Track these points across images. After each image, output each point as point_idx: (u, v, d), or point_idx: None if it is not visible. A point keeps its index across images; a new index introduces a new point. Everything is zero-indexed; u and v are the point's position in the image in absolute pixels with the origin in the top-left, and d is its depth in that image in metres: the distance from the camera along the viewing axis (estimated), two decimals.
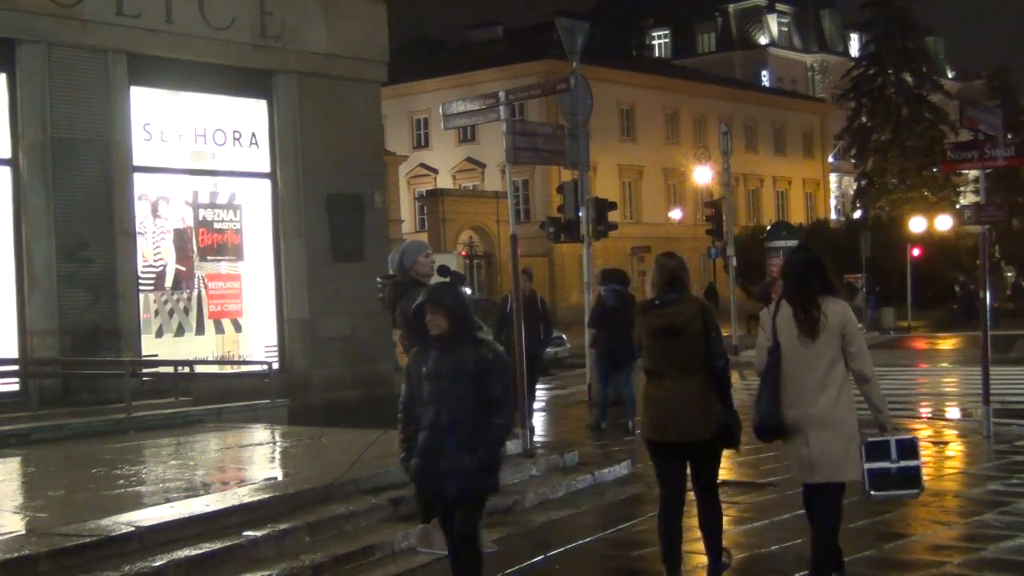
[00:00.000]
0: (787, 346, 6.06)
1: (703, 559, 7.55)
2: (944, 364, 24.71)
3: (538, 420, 14.88)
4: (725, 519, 8.49)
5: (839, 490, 6.14)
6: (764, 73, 75.11)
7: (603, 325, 13.91)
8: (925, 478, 8.67)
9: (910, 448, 6.12)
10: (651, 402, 6.56)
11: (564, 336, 26.24)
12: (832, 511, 6.17)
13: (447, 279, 7.60)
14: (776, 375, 6.06)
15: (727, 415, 6.47)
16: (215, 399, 13.13)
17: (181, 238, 14.25)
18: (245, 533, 7.29)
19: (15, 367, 12.63)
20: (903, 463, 6.07)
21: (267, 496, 8.06)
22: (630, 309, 9.19)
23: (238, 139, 14.62)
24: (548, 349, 25.06)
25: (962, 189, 62.47)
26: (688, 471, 6.73)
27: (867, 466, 6.03)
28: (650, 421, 6.59)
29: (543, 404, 17.54)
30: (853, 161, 65.00)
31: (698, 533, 8.32)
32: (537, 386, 15.82)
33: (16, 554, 6.40)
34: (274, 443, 11.59)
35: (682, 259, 6.73)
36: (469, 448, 5.57)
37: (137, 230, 13.53)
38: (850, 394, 6.08)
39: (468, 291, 14.74)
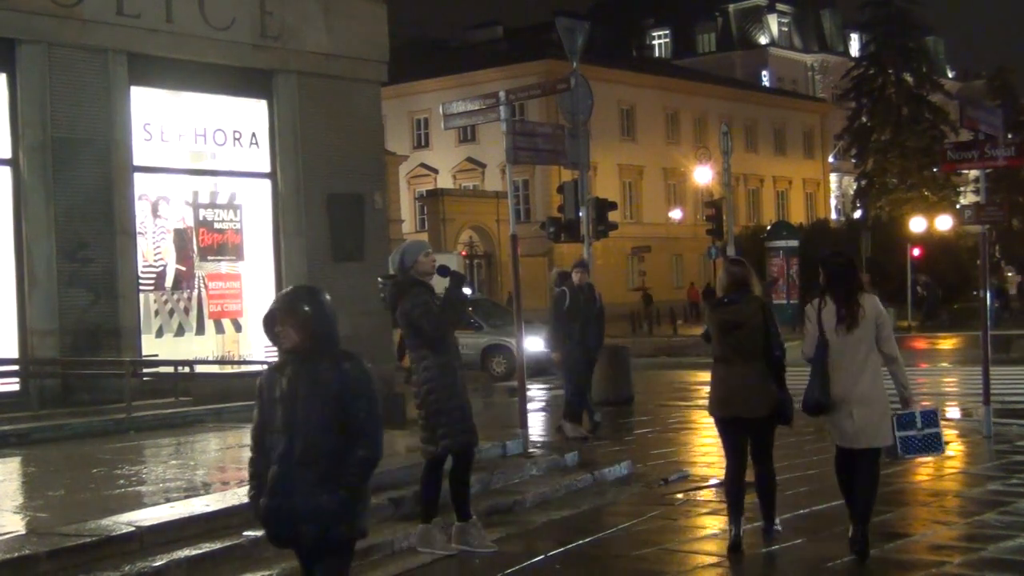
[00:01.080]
0: (832, 336, 7.20)
1: (704, 559, 7.55)
2: (944, 364, 24.69)
3: (539, 420, 14.87)
4: (726, 519, 8.48)
5: (877, 455, 7.31)
6: (764, 73, 75.11)
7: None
8: (925, 477, 8.79)
9: (932, 418, 7.50)
10: (718, 384, 7.67)
11: None
12: (873, 470, 7.32)
13: (447, 279, 7.66)
14: (824, 360, 7.21)
15: (783, 395, 7.53)
16: (215, 399, 13.12)
17: (181, 238, 14.25)
18: (245, 533, 7.29)
19: (15, 367, 12.63)
20: (927, 431, 7.43)
21: None
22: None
23: (238, 139, 14.62)
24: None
25: (962, 189, 62.48)
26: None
27: (898, 434, 7.33)
28: (717, 399, 7.66)
29: (544, 404, 17.53)
30: (853, 161, 64.99)
31: (700, 533, 8.32)
32: (545, 387, 15.68)
33: (16, 554, 6.40)
34: None
35: (748, 265, 7.89)
36: (327, 486, 4.60)
37: (137, 230, 13.53)
38: (882, 375, 7.28)
39: (468, 291, 14.73)
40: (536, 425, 13.66)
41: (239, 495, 8.08)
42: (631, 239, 47.00)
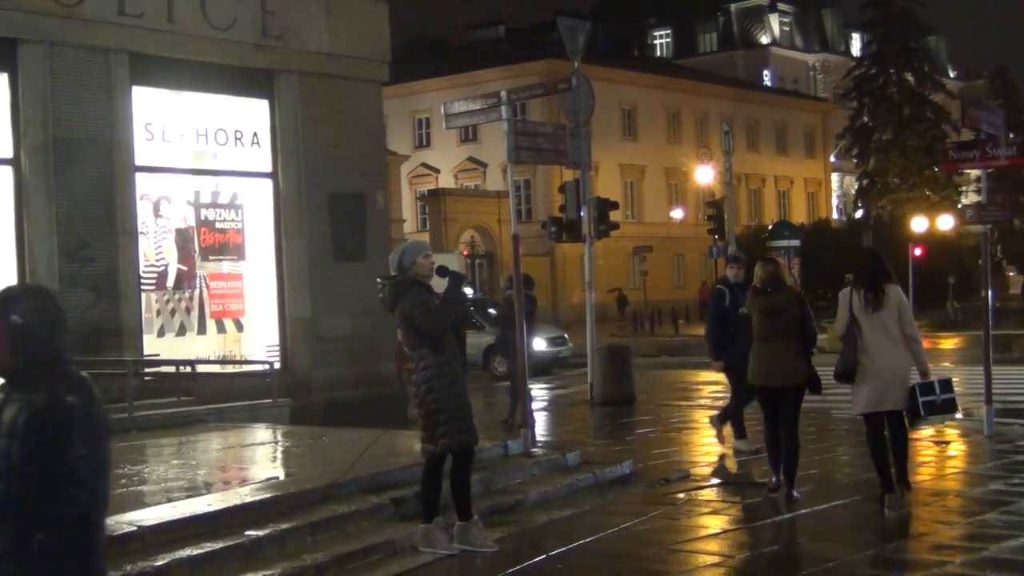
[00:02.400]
0: (862, 317, 8.54)
1: (706, 559, 7.56)
2: (946, 364, 24.66)
3: (539, 419, 14.86)
4: (727, 518, 8.50)
5: (901, 417, 8.70)
6: (766, 73, 75.09)
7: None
8: (927, 477, 8.82)
9: (948, 385, 8.89)
10: (760, 359, 9.16)
11: (566, 336, 26.23)
12: (902, 431, 8.77)
13: (446, 279, 7.66)
14: (854, 338, 8.56)
15: (812, 369, 9.05)
16: (217, 399, 13.13)
17: (183, 238, 14.25)
18: (247, 532, 7.30)
19: None
20: (944, 396, 8.79)
21: (269, 495, 8.07)
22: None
23: (240, 139, 14.62)
24: (551, 348, 25.09)
25: (964, 189, 62.54)
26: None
27: (921, 399, 8.61)
28: (759, 371, 9.18)
29: (544, 404, 17.54)
30: (855, 161, 65.01)
31: (701, 532, 8.32)
32: (540, 387, 15.65)
33: None
34: (276, 443, 11.60)
35: (779, 263, 9.79)
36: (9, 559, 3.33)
37: (139, 230, 13.53)
38: (903, 351, 8.60)
39: (469, 291, 14.68)
40: (537, 425, 13.65)
41: (241, 495, 8.10)
42: (632, 239, 46.98)
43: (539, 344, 18.36)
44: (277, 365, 14.25)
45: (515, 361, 13.16)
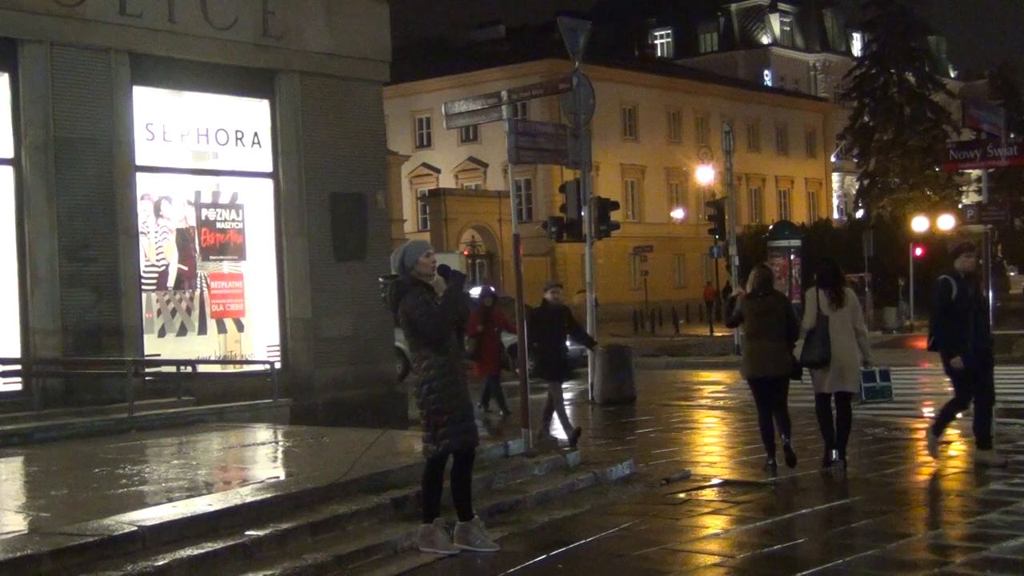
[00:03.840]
0: (827, 314, 10.25)
1: (707, 559, 7.56)
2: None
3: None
4: (727, 518, 8.51)
5: (849, 397, 10.43)
6: (766, 73, 75.11)
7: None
8: (927, 477, 8.82)
9: (886, 375, 10.77)
10: (752, 353, 10.68)
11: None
12: (849, 410, 10.51)
13: (448, 278, 7.66)
14: (826, 331, 10.20)
15: (795, 361, 10.52)
16: (217, 399, 13.13)
17: (183, 238, 14.25)
18: (247, 532, 7.30)
19: (18, 366, 12.63)
20: (882, 383, 10.68)
21: (269, 496, 8.07)
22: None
23: (240, 139, 14.62)
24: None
25: (964, 189, 62.51)
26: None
27: (864, 385, 10.48)
28: (752, 364, 10.68)
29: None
30: (855, 160, 65.01)
31: (701, 532, 8.34)
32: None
33: (19, 553, 6.40)
34: (276, 443, 11.60)
35: (771, 269, 11.44)
36: None
37: (140, 230, 13.52)
38: (855, 342, 10.35)
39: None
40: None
41: (241, 495, 8.10)
42: (633, 239, 46.99)
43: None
44: (278, 365, 14.24)
45: (552, 366, 13.14)
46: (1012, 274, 62.17)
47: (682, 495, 9.66)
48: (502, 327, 16.57)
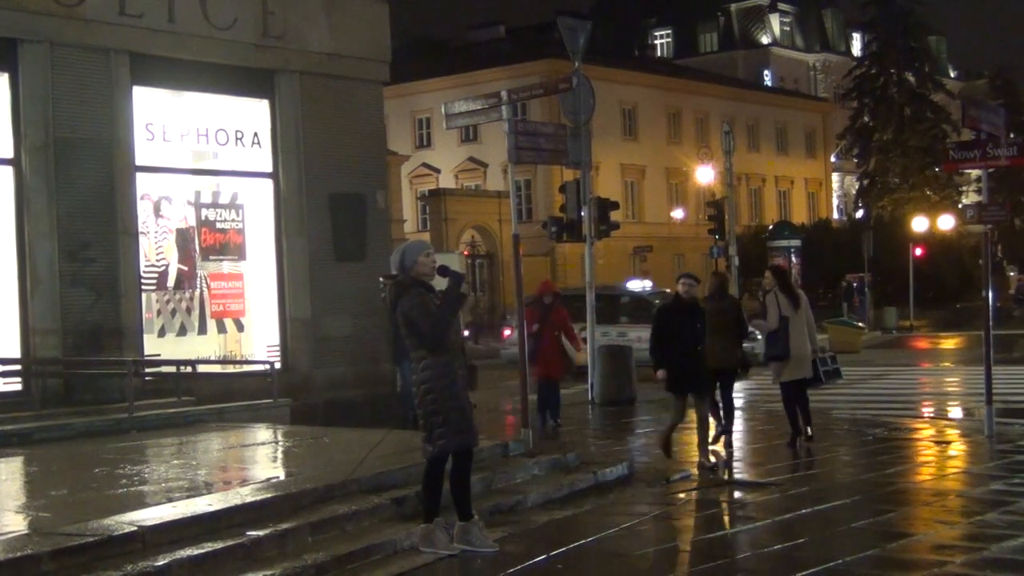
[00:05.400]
0: (788, 314, 12.02)
1: (707, 559, 7.56)
2: (947, 364, 24.71)
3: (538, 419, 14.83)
4: (727, 518, 8.51)
5: (805, 383, 12.30)
6: (766, 73, 75.04)
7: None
8: (927, 477, 8.83)
9: (834, 359, 13.66)
10: (711, 349, 11.68)
11: None
12: (806, 391, 12.36)
13: (447, 278, 7.65)
14: (787, 330, 11.98)
15: (744, 357, 12.83)
16: (217, 399, 13.13)
17: (183, 238, 14.25)
18: (247, 532, 7.30)
19: (18, 366, 12.63)
20: (833, 366, 13.36)
21: (269, 496, 8.07)
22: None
23: (240, 139, 14.62)
24: None
25: (964, 189, 62.51)
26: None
27: (821, 369, 12.59)
28: (710, 356, 11.62)
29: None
30: (855, 160, 65.01)
31: (701, 532, 8.37)
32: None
33: (19, 553, 6.40)
34: (276, 443, 11.60)
35: (726, 276, 13.43)
36: None
37: (139, 230, 13.52)
38: (807, 336, 12.26)
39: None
40: (537, 424, 13.63)
41: (241, 495, 8.10)
42: (633, 239, 46.96)
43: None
44: (278, 365, 14.25)
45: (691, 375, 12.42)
46: (1012, 274, 62.11)
47: (682, 495, 9.66)
48: (561, 328, 14.53)
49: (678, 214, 56.65)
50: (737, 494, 9.79)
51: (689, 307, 11.26)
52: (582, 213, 17.93)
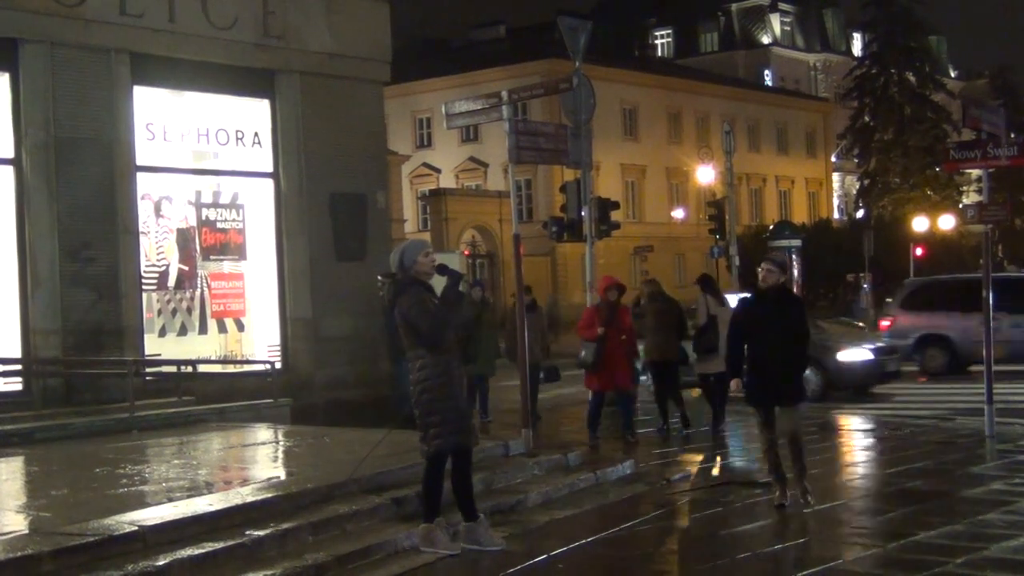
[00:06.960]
0: (715, 313, 13.59)
1: (707, 559, 7.56)
2: None
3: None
4: (727, 518, 8.51)
5: (726, 375, 11.64)
6: (767, 72, 75.04)
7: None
8: (927, 477, 8.77)
9: None
10: (655, 343, 13.68)
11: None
12: (726, 383, 12.10)
13: (446, 277, 7.65)
14: (716, 326, 13.30)
15: (682, 351, 13.92)
16: (218, 398, 13.14)
17: (184, 237, 14.26)
18: (248, 532, 7.30)
19: (18, 366, 12.64)
20: None
21: (270, 495, 8.07)
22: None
23: (241, 139, 14.63)
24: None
25: (965, 188, 62.48)
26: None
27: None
28: (654, 350, 13.75)
29: (545, 404, 17.49)
30: (856, 160, 65.01)
31: (702, 532, 8.35)
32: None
33: (19, 553, 6.41)
34: (277, 442, 11.60)
35: (658, 281, 14.80)
36: None
37: (140, 229, 13.54)
38: None
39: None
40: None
41: (242, 494, 8.11)
42: (633, 239, 46.96)
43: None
44: (278, 365, 14.26)
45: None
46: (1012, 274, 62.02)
47: (682, 495, 9.65)
48: (625, 331, 13.07)
49: (678, 214, 56.65)
50: (737, 494, 9.78)
51: (775, 299, 9.05)
52: (582, 213, 17.89)
